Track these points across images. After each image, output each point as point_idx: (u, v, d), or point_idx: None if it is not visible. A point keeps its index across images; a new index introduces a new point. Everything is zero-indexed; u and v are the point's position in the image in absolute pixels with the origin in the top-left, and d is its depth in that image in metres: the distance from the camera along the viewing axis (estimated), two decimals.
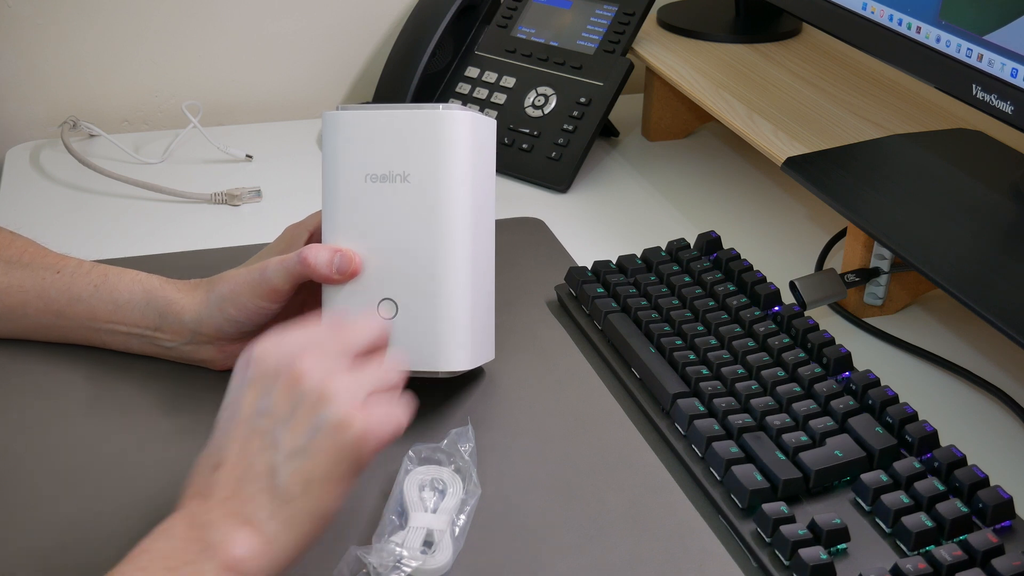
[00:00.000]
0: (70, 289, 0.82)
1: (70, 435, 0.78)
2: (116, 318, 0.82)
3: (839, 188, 0.92)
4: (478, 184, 0.78)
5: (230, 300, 0.79)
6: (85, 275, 0.83)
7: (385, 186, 0.76)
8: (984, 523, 0.67)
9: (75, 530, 0.69)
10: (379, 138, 0.76)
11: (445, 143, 0.75)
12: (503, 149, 1.17)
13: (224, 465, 0.60)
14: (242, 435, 0.60)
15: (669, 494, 0.73)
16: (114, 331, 0.83)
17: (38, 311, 0.83)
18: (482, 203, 0.79)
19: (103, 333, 0.83)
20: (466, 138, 0.76)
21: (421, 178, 0.75)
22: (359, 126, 0.76)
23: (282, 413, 0.60)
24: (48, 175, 1.18)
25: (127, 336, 0.83)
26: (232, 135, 1.26)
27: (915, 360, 0.89)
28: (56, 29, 1.26)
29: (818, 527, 0.66)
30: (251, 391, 0.61)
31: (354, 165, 0.76)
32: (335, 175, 0.77)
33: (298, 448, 0.59)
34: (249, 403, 0.61)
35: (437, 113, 0.75)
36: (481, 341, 0.80)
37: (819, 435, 0.73)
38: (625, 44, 1.20)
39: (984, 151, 0.97)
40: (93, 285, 0.82)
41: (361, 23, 1.35)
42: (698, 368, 0.80)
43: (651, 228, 1.08)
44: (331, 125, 0.77)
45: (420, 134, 0.75)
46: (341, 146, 0.77)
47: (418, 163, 0.75)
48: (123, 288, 0.82)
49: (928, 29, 0.89)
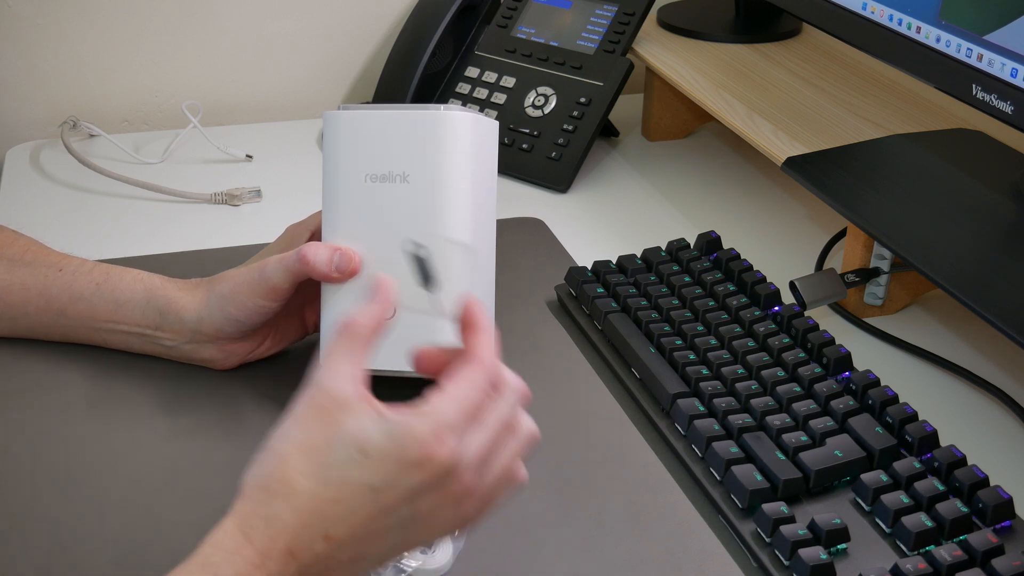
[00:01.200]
0: (72, 287, 0.82)
1: (70, 434, 0.78)
2: (117, 317, 0.82)
3: (839, 188, 0.92)
4: (478, 185, 0.77)
5: (230, 299, 0.78)
6: (87, 274, 0.83)
7: (385, 186, 0.76)
8: (984, 523, 0.67)
9: (75, 529, 0.69)
10: (380, 138, 0.76)
11: (445, 144, 0.75)
12: (503, 149, 1.17)
13: (338, 541, 0.54)
14: (377, 525, 0.54)
15: (669, 494, 0.73)
16: (115, 330, 0.83)
17: (39, 309, 0.83)
18: (482, 203, 0.79)
19: (104, 332, 0.83)
20: (466, 140, 0.76)
21: (421, 179, 0.75)
22: (360, 126, 0.76)
23: (432, 523, 0.55)
24: (48, 175, 1.18)
25: (128, 335, 0.83)
26: (232, 135, 1.26)
27: (915, 360, 0.89)
28: (56, 29, 1.26)
29: (818, 527, 0.66)
30: (409, 478, 0.54)
31: (354, 165, 0.76)
32: (335, 174, 0.77)
33: (422, 542, 0.57)
34: (401, 493, 0.54)
35: (438, 114, 0.75)
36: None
37: (819, 435, 0.73)
38: (625, 44, 1.19)
39: (984, 151, 0.97)
40: (95, 284, 0.82)
41: (361, 23, 1.35)
42: (698, 368, 0.80)
43: (651, 228, 1.08)
44: (332, 125, 0.77)
45: (421, 135, 0.75)
46: (342, 146, 0.77)
47: (418, 164, 0.75)
48: (124, 287, 0.82)
49: (928, 29, 0.89)
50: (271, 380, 0.83)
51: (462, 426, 0.55)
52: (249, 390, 0.82)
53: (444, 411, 0.55)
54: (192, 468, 0.75)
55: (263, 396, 0.81)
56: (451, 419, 0.55)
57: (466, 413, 0.56)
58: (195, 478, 0.74)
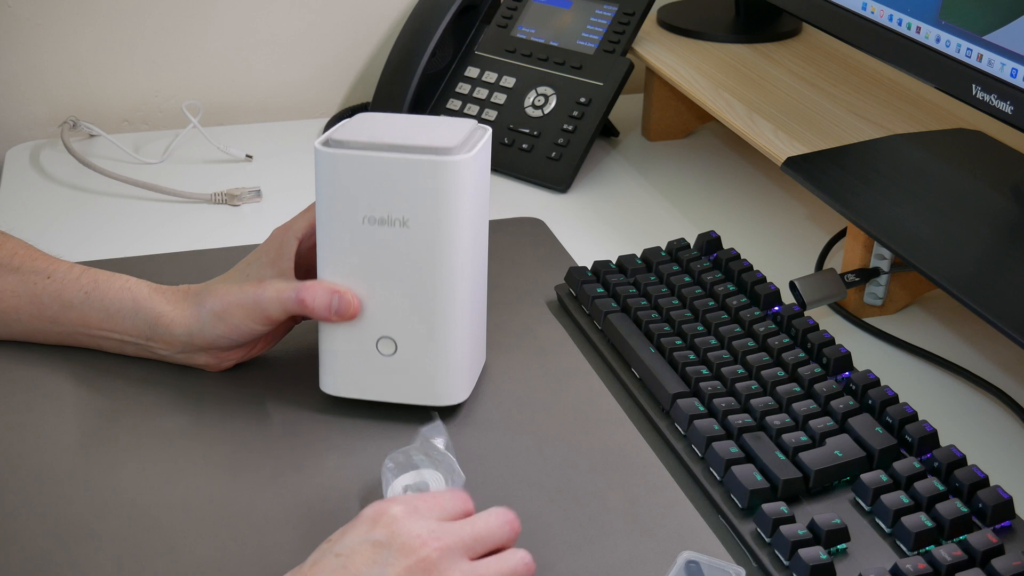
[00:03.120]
0: (61, 295, 0.82)
1: (70, 435, 0.78)
2: (108, 325, 0.82)
3: (839, 188, 0.92)
4: (477, 222, 0.77)
5: (222, 318, 0.79)
6: (75, 280, 0.82)
7: (384, 229, 0.75)
8: (984, 523, 0.67)
9: (75, 529, 0.69)
10: (377, 182, 0.74)
11: (446, 191, 0.74)
12: (503, 149, 1.17)
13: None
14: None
15: (669, 494, 0.73)
16: (108, 337, 0.83)
17: (31, 316, 0.83)
18: (480, 234, 0.78)
19: (98, 339, 0.83)
20: (467, 184, 0.74)
21: (422, 225, 0.74)
22: (356, 169, 0.74)
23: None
24: (48, 175, 1.18)
25: (122, 343, 0.83)
26: (232, 135, 1.26)
27: (915, 360, 0.89)
28: (56, 29, 1.26)
29: (818, 527, 0.66)
30: (369, 552, 0.59)
31: (351, 207, 0.75)
32: (331, 215, 0.75)
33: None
34: (364, 561, 0.59)
35: (438, 162, 0.73)
36: (475, 365, 0.82)
37: (819, 435, 0.73)
38: (625, 44, 1.20)
39: (984, 151, 0.97)
40: (84, 292, 0.82)
41: (361, 23, 1.35)
42: (698, 368, 0.80)
43: (651, 228, 1.08)
44: (326, 165, 0.75)
45: (420, 182, 0.73)
46: (339, 187, 0.75)
47: (418, 210, 0.74)
48: (113, 295, 0.82)
49: (928, 29, 0.89)
50: (268, 378, 0.83)
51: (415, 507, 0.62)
52: (248, 389, 0.82)
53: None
54: (192, 468, 0.75)
55: (261, 395, 0.81)
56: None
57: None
58: (195, 478, 0.74)
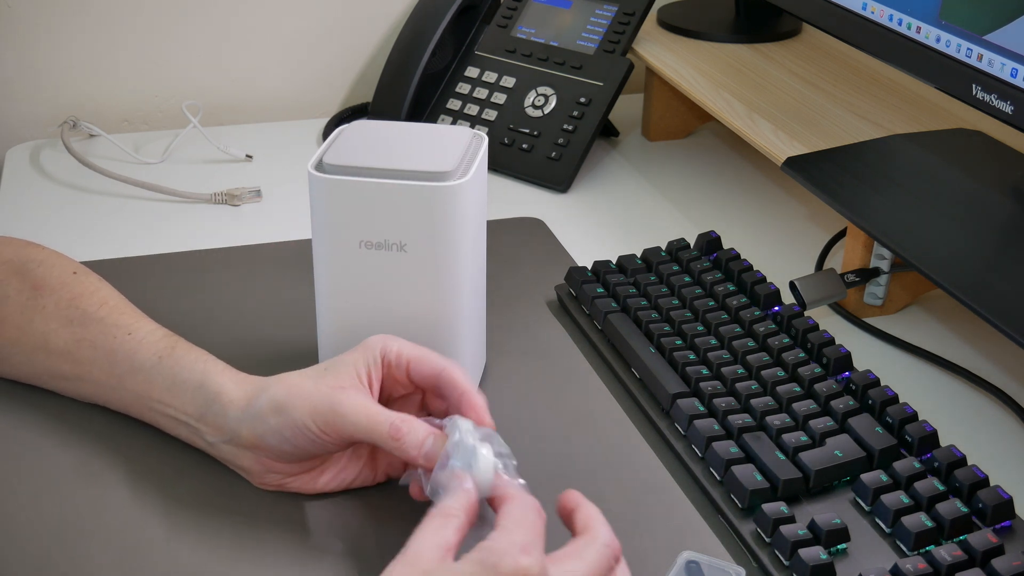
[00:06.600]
0: (135, 355, 0.76)
1: (70, 435, 0.78)
2: (167, 398, 0.74)
3: (839, 188, 0.92)
4: (477, 239, 0.77)
5: (279, 410, 0.69)
6: (153, 344, 0.76)
7: (381, 253, 0.74)
8: (984, 523, 0.67)
9: (75, 529, 0.69)
10: (374, 208, 0.73)
11: (444, 217, 0.73)
12: (503, 149, 1.17)
13: None
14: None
15: (669, 494, 0.73)
16: (164, 412, 0.75)
17: (104, 373, 0.77)
18: (479, 249, 0.78)
19: (156, 413, 0.76)
20: (466, 208, 0.74)
21: (421, 249, 0.73)
22: (351, 194, 0.73)
23: None
24: (48, 175, 1.18)
25: (175, 421, 0.75)
26: (232, 135, 1.26)
27: (915, 360, 0.89)
28: (56, 29, 1.26)
29: (818, 527, 0.66)
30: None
31: (348, 230, 0.74)
32: (327, 240, 0.75)
33: None
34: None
35: (436, 188, 0.72)
36: (475, 370, 0.82)
37: (819, 435, 0.73)
38: (625, 44, 1.20)
39: (984, 151, 0.97)
40: (158, 356, 0.75)
41: (361, 23, 1.35)
42: (698, 368, 0.80)
43: (651, 228, 1.08)
44: (321, 191, 0.73)
45: (418, 208, 0.72)
46: (333, 213, 0.74)
47: (417, 235, 0.73)
48: (185, 364, 0.74)
49: (928, 29, 0.89)
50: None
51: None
52: None
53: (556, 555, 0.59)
54: (192, 468, 0.75)
55: None
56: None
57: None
58: (195, 478, 0.74)
